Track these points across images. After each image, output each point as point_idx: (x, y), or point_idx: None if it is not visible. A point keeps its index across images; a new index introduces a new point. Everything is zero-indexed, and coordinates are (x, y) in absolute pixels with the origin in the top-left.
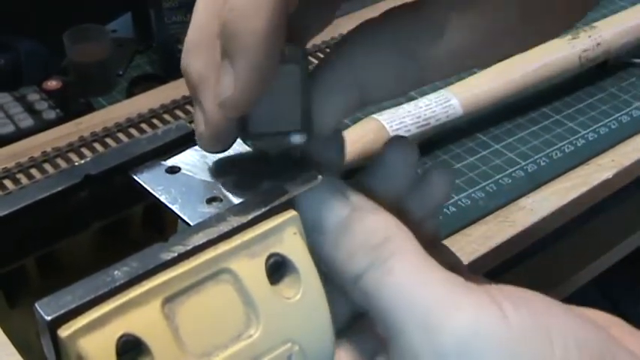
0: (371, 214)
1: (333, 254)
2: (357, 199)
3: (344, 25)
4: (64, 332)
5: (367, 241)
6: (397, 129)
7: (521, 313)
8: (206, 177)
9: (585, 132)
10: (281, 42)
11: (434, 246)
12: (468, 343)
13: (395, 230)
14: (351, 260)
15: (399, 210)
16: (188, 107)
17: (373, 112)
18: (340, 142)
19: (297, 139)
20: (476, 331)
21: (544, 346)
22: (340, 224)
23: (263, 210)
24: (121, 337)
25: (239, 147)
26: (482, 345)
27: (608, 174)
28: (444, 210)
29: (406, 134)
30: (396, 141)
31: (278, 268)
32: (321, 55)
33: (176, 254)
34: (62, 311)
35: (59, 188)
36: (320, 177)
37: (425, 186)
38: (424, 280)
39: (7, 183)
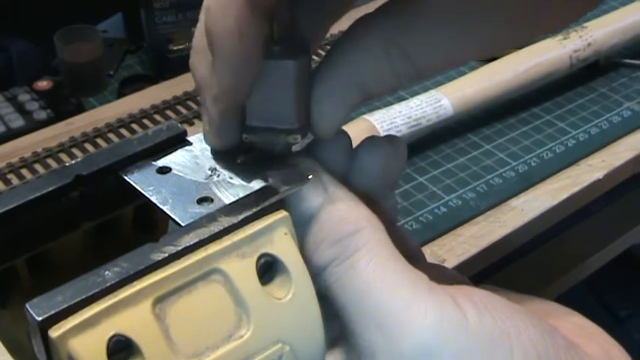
0: (343, 205)
1: (301, 242)
2: (334, 189)
3: (345, 21)
4: (54, 333)
5: (334, 233)
6: (388, 129)
7: (484, 319)
8: (197, 177)
9: (576, 132)
10: (258, 37)
11: (391, 229)
12: (428, 349)
13: (364, 224)
14: (316, 251)
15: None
16: (179, 107)
17: (364, 113)
18: (345, 144)
19: (289, 139)
20: (437, 337)
21: (504, 352)
22: (311, 213)
23: (254, 210)
24: (112, 337)
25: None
26: (443, 351)
27: (598, 174)
28: (435, 210)
29: (397, 134)
30: (369, 141)
31: (269, 269)
32: (323, 53)
33: (167, 254)
34: (53, 312)
35: (50, 188)
36: (310, 177)
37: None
38: (387, 281)
39: None
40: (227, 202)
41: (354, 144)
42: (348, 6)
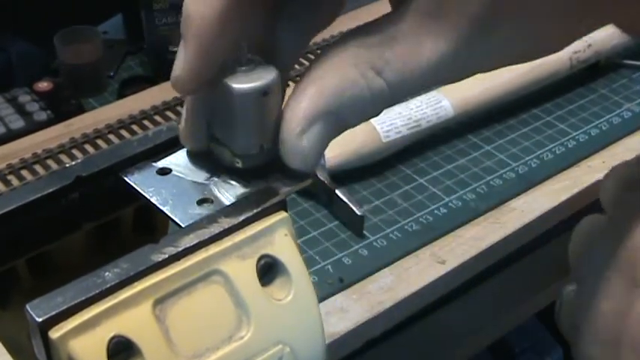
0: None
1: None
2: None
3: (344, 23)
4: (55, 334)
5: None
6: (388, 130)
7: None
8: (197, 178)
9: (576, 133)
10: (230, 32)
11: None
12: None
13: None
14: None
15: None
16: (179, 108)
17: None
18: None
19: (239, 163)
20: None
21: None
22: None
23: (254, 211)
24: (112, 338)
25: None
26: None
27: (598, 175)
28: (435, 211)
29: (397, 135)
30: None
31: (269, 270)
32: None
33: (167, 256)
34: (53, 313)
35: (50, 190)
36: (310, 179)
37: None
38: None
39: None
40: (227, 203)
41: (355, 146)
42: (331, 20)
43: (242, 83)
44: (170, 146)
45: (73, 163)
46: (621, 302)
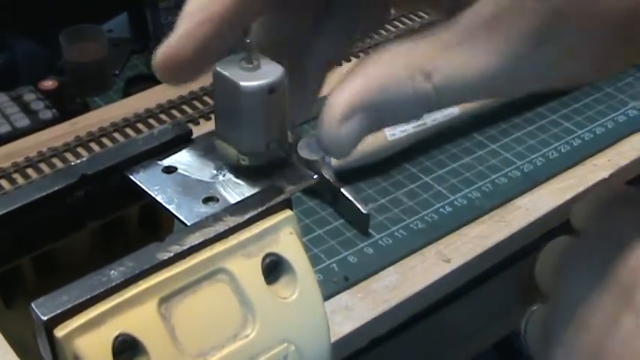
0: None
1: None
2: None
3: None
4: (60, 332)
5: None
6: (393, 128)
7: None
8: (202, 177)
9: (581, 132)
10: (225, 26)
11: None
12: None
13: None
14: None
15: None
16: (184, 107)
17: None
18: None
19: (245, 160)
20: None
21: None
22: None
23: (259, 210)
24: (118, 336)
25: None
26: None
27: (604, 174)
28: (440, 210)
29: (402, 134)
30: None
31: (274, 268)
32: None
33: (172, 254)
34: (58, 311)
35: (55, 188)
36: (316, 176)
37: None
38: None
39: (3, 183)
40: (232, 201)
41: (359, 144)
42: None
43: (248, 81)
44: (175, 144)
45: (79, 161)
46: (607, 319)
